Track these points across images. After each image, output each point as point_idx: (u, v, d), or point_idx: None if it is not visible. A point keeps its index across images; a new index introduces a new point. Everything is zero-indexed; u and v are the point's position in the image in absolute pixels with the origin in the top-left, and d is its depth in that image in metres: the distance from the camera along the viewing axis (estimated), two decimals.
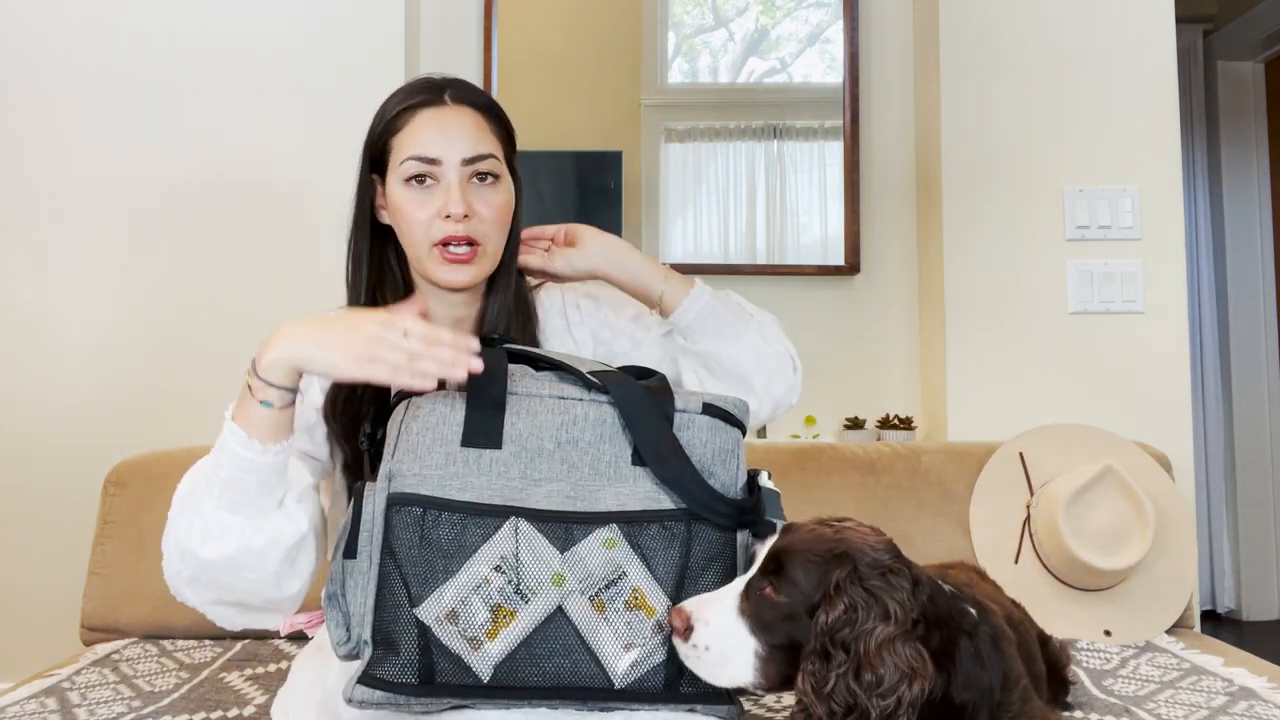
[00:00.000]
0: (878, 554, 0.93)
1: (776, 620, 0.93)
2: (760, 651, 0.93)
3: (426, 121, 1.17)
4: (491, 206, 1.18)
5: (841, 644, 0.89)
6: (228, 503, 1.01)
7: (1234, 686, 1.46)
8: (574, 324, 1.32)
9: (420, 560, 0.96)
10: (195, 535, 1.01)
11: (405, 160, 1.16)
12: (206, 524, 1.01)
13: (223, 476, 1.01)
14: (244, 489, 1.01)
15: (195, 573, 1.03)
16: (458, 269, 1.17)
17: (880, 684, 0.86)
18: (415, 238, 1.17)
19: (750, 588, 0.95)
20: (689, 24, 2.52)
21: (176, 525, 1.03)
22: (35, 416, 2.20)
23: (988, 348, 2.19)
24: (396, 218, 1.18)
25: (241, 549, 1.01)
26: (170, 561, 1.04)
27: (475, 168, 1.17)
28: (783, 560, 0.94)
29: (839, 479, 1.92)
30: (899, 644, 0.88)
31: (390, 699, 0.93)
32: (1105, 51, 2.20)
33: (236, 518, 1.01)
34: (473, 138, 1.17)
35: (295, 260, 2.21)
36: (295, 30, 2.25)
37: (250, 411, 1.00)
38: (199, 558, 1.01)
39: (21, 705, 1.43)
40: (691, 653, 0.94)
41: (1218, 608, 3.64)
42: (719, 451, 1.08)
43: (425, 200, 1.16)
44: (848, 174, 2.41)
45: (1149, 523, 1.74)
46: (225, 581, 1.03)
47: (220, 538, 1.01)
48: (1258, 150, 3.70)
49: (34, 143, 2.23)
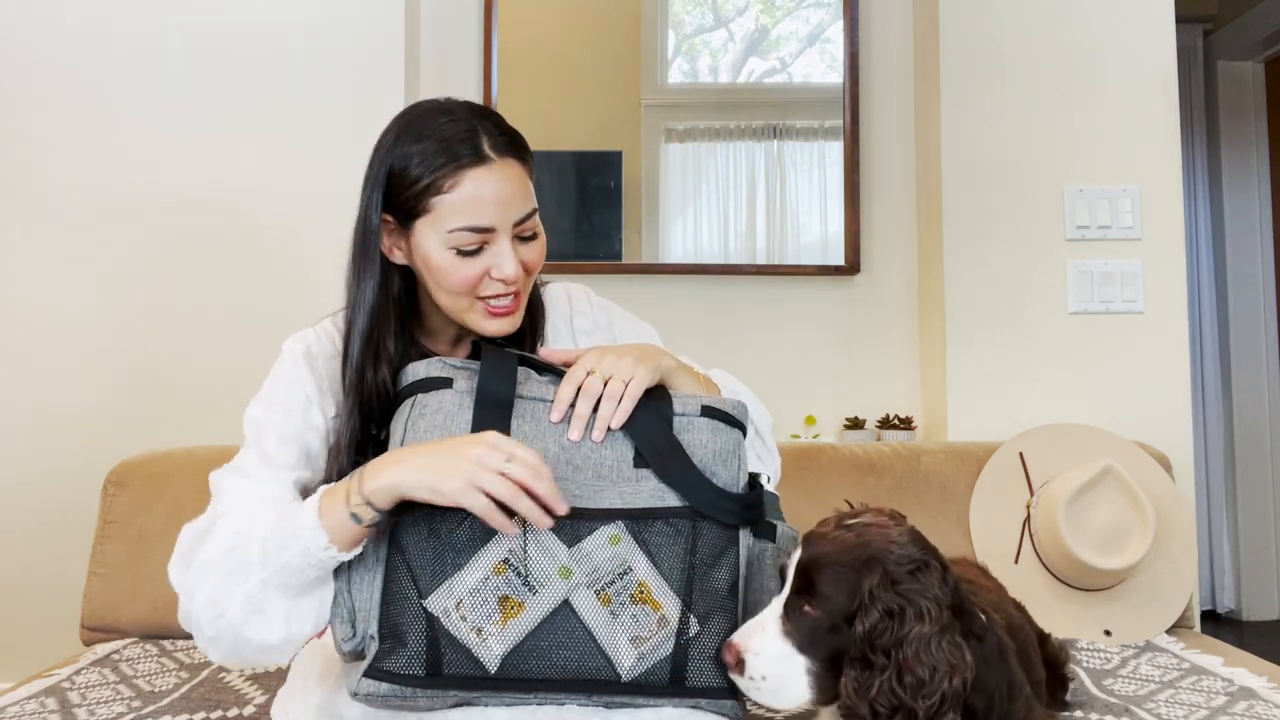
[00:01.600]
0: (904, 549, 0.93)
1: (820, 635, 0.94)
2: (812, 668, 0.94)
3: (476, 186, 1.09)
4: (532, 257, 1.16)
5: (882, 650, 0.90)
6: (280, 584, 1.00)
7: (1234, 686, 1.46)
8: (580, 331, 1.31)
9: (429, 554, 0.97)
10: (236, 606, 1.00)
11: (455, 230, 1.10)
12: (249, 597, 1.00)
13: (282, 562, 0.99)
14: (302, 577, 1.01)
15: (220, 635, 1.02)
16: (501, 321, 1.16)
17: (923, 685, 0.88)
18: (458, 294, 1.14)
19: (788, 607, 0.96)
20: (689, 24, 2.52)
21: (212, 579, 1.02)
22: (35, 417, 2.20)
23: (988, 348, 2.19)
24: (434, 274, 1.13)
25: (282, 640, 1.02)
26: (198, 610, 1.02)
27: (521, 228, 1.14)
28: (812, 575, 0.95)
29: (839, 479, 1.92)
30: (938, 641, 0.89)
31: (397, 691, 0.94)
32: (1105, 51, 2.20)
33: (283, 597, 1.01)
34: (520, 197, 1.13)
35: (294, 264, 2.21)
36: (295, 31, 2.25)
37: (339, 518, 0.98)
38: (237, 630, 1.01)
39: (21, 705, 1.43)
40: (749, 685, 0.96)
41: (1218, 608, 3.64)
42: (720, 452, 1.08)
43: (474, 262, 1.12)
44: (848, 174, 2.41)
45: (1149, 523, 1.74)
46: (245, 653, 1.03)
47: (264, 615, 1.01)
48: (1258, 150, 3.69)
49: (35, 146, 2.23)
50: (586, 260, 2.42)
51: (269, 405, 1.16)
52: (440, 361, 1.09)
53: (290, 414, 1.15)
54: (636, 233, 2.46)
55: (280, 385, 1.17)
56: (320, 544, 0.98)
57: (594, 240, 2.45)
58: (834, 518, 1.00)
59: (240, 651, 1.03)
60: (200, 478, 1.86)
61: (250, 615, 1.00)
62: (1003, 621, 1.11)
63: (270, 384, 1.18)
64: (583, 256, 2.43)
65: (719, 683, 1.00)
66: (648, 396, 1.08)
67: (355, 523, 0.98)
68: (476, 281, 1.12)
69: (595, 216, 2.46)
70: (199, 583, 1.02)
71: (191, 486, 1.87)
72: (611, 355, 1.09)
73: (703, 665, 1.00)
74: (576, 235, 2.45)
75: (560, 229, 2.43)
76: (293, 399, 1.16)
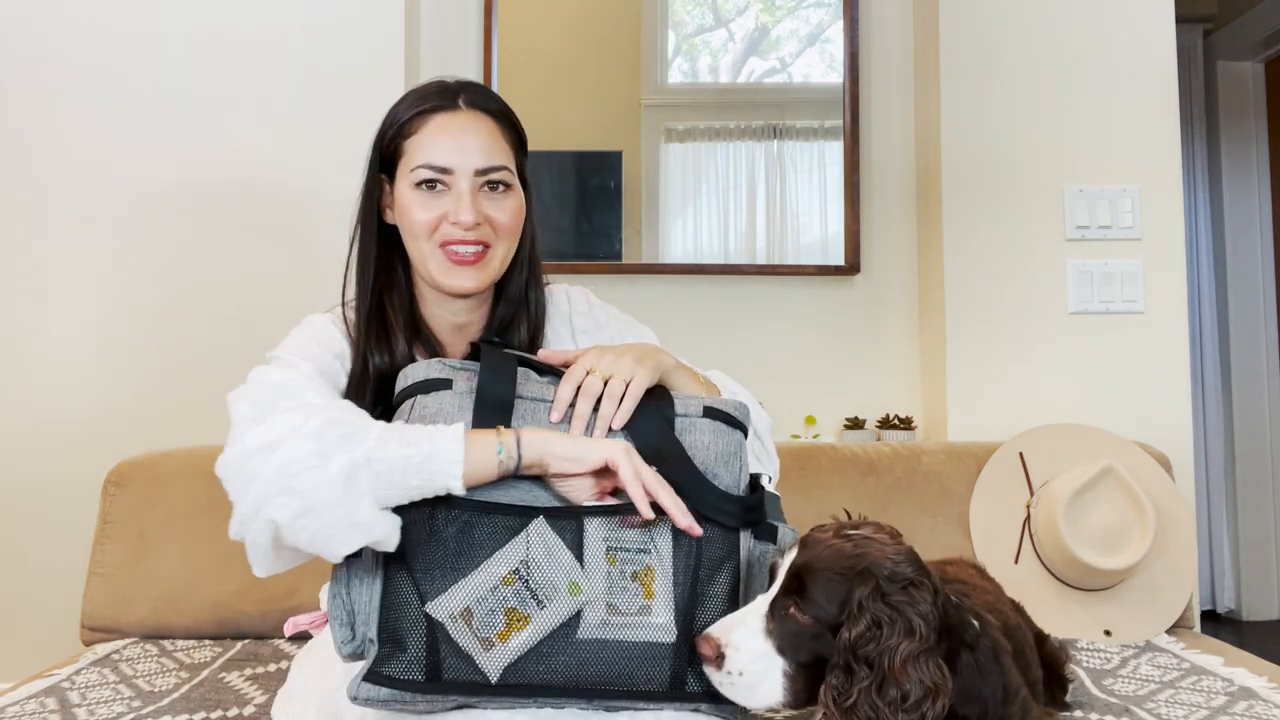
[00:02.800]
0: (899, 567, 0.93)
1: (802, 639, 0.94)
2: (788, 671, 0.94)
3: (440, 128, 1.16)
4: (503, 212, 1.18)
5: (865, 659, 0.89)
6: (379, 472, 0.94)
7: (1234, 686, 1.46)
8: (579, 331, 1.32)
9: (428, 557, 0.97)
10: (337, 468, 0.92)
11: (417, 167, 1.15)
12: (354, 467, 0.93)
13: (402, 454, 0.94)
14: (405, 481, 0.95)
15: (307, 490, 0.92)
16: (463, 272, 1.16)
17: (906, 700, 0.87)
18: (419, 238, 1.16)
19: (774, 607, 0.96)
20: (689, 24, 2.52)
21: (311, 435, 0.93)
22: (35, 416, 2.20)
23: (988, 348, 2.19)
24: (402, 218, 1.18)
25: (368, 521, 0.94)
26: (275, 455, 0.93)
27: (487, 178, 1.16)
28: (804, 578, 0.95)
29: (839, 479, 1.92)
30: (923, 660, 0.89)
31: (396, 696, 0.93)
32: (1105, 51, 2.20)
33: (370, 490, 0.94)
34: (486, 148, 1.16)
35: (296, 260, 2.21)
36: (295, 30, 2.25)
37: (483, 446, 0.97)
38: (329, 490, 0.92)
39: (21, 705, 1.43)
40: (725, 680, 0.95)
41: (1218, 608, 3.64)
42: (721, 454, 1.08)
43: (434, 203, 1.16)
44: (848, 174, 2.41)
45: (1149, 523, 1.74)
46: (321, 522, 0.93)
47: (356, 493, 0.93)
48: (1258, 150, 3.69)
49: (37, 144, 2.23)
50: (586, 260, 2.42)
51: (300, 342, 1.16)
52: (439, 363, 1.09)
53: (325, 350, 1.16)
54: (636, 233, 2.46)
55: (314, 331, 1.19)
56: (454, 455, 0.94)
57: (594, 240, 2.45)
58: (833, 525, 1.00)
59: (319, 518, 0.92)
60: (200, 478, 1.88)
61: (347, 483, 0.92)
62: (998, 623, 1.10)
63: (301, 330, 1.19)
64: (583, 256, 2.43)
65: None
66: (649, 397, 1.07)
67: (496, 453, 0.97)
68: (435, 224, 1.16)
69: (595, 216, 2.46)
70: (294, 436, 0.93)
71: (191, 486, 1.87)
72: (611, 355, 1.09)
73: (702, 669, 1.00)
74: (576, 235, 2.45)
75: (560, 229, 2.43)
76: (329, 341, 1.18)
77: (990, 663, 0.99)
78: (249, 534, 0.96)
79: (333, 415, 0.98)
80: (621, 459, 0.98)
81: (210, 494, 1.87)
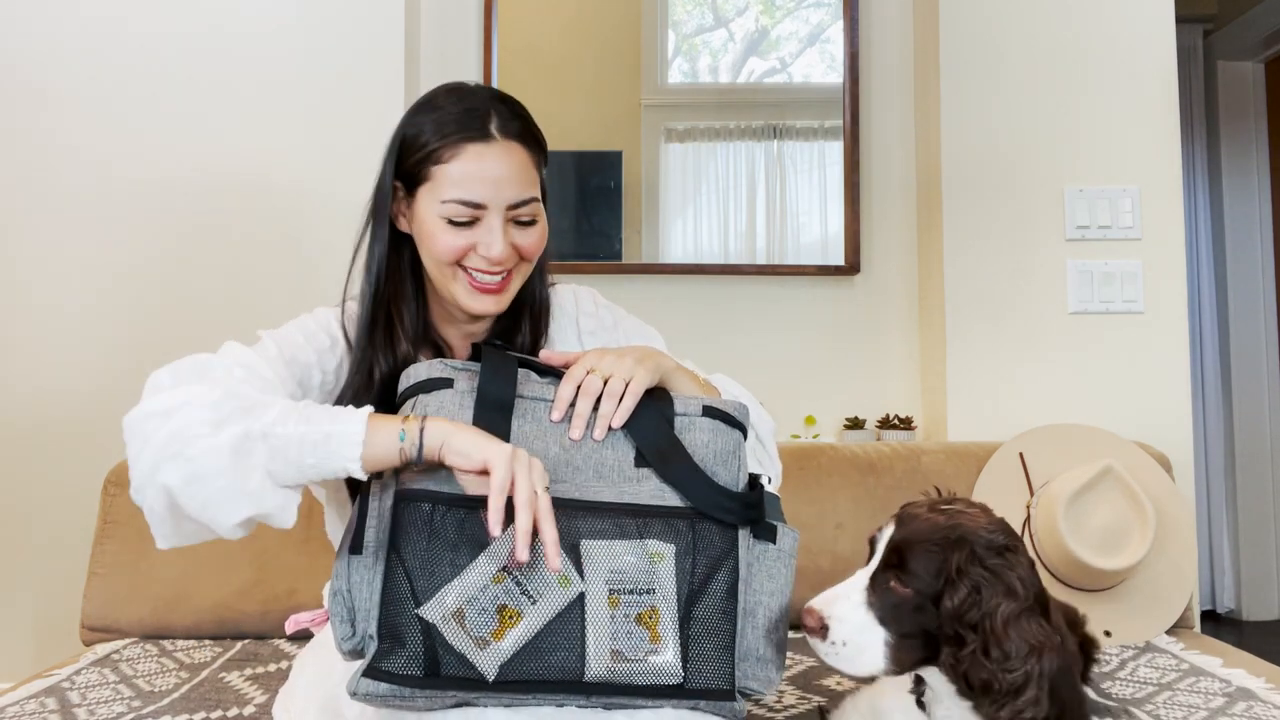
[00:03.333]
0: (993, 535, 0.97)
1: (904, 611, 0.97)
2: (890, 640, 0.97)
3: (473, 161, 1.12)
4: (529, 240, 1.17)
5: (970, 625, 0.92)
6: (275, 447, 0.96)
7: (1232, 687, 1.46)
8: (586, 332, 1.32)
9: (427, 555, 0.97)
10: (228, 437, 0.94)
11: (448, 200, 1.12)
12: (247, 437, 0.95)
13: (299, 431, 0.96)
14: (300, 459, 0.96)
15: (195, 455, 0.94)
16: (484, 298, 1.17)
17: (1008, 658, 0.90)
18: (443, 263, 1.15)
19: (875, 581, 0.99)
20: (689, 24, 2.52)
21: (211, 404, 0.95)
22: (35, 416, 2.20)
23: (988, 348, 2.19)
24: (428, 242, 1.16)
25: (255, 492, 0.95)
26: (173, 419, 0.95)
27: (517, 213, 1.15)
28: (904, 551, 0.98)
29: (839, 479, 1.92)
30: (1025, 619, 0.91)
31: (395, 691, 0.94)
32: (1105, 51, 2.20)
33: (264, 464, 0.96)
34: (518, 181, 1.14)
35: (296, 259, 2.21)
36: (295, 29, 2.25)
37: (386, 431, 0.97)
38: (215, 457, 0.93)
39: (21, 705, 1.43)
40: (830, 650, 0.98)
41: (1218, 608, 3.64)
42: (720, 453, 1.08)
43: (463, 234, 1.14)
44: (848, 174, 2.41)
45: (1149, 523, 1.74)
46: (205, 488, 0.94)
47: (245, 464, 0.95)
48: (1258, 150, 3.69)
49: (35, 142, 2.23)
50: (586, 260, 2.42)
51: (289, 329, 1.18)
52: (441, 363, 1.10)
53: (309, 345, 1.17)
54: (636, 233, 2.46)
55: (308, 324, 1.19)
56: (354, 438, 0.95)
57: (594, 240, 2.45)
58: (925, 501, 1.03)
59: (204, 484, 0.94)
60: None
61: (235, 453, 0.94)
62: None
63: (298, 321, 1.20)
64: (583, 256, 2.43)
65: (718, 684, 1.00)
66: (649, 397, 1.08)
67: (399, 440, 0.96)
68: (461, 253, 1.14)
69: (595, 216, 2.46)
70: (195, 404, 0.95)
71: None
72: (611, 355, 1.10)
73: (701, 667, 1.00)
74: (576, 235, 2.45)
75: (560, 229, 2.42)
76: (316, 337, 1.18)
77: (1070, 668, 1.01)
78: (145, 499, 0.98)
79: (238, 389, 0.99)
80: (499, 465, 0.93)
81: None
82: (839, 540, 1.87)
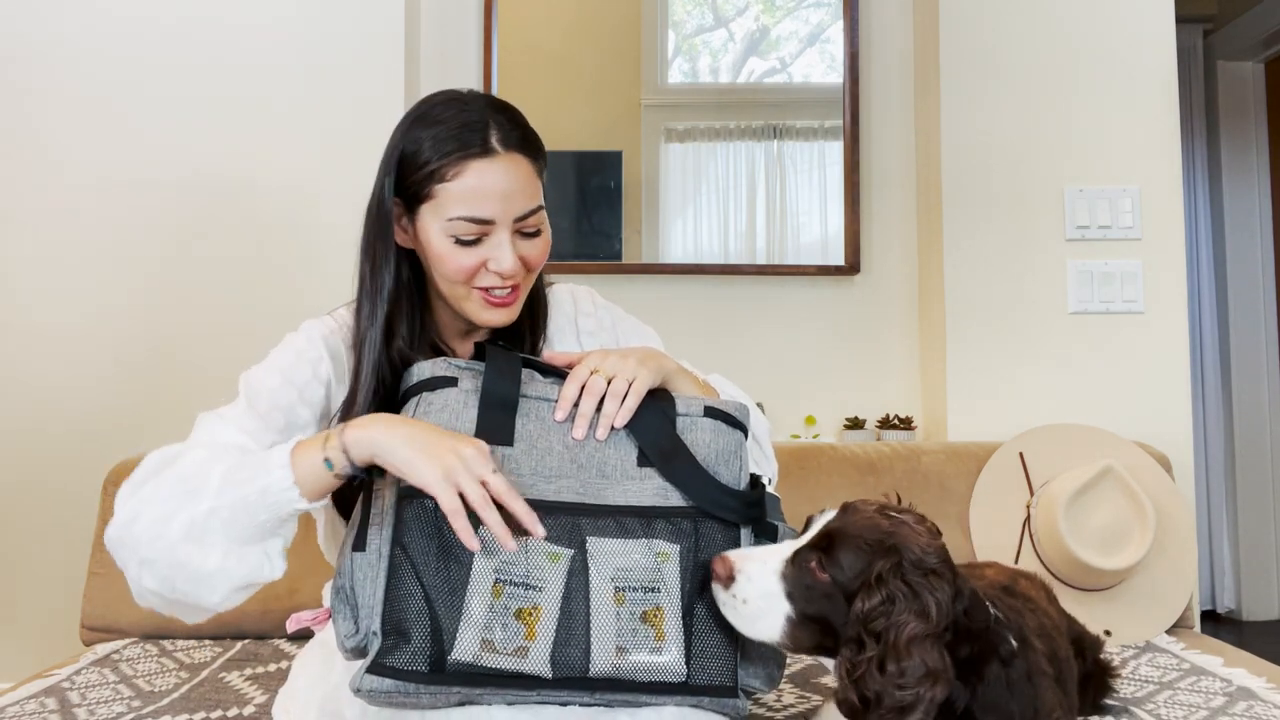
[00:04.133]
0: (926, 555, 0.95)
1: (814, 594, 0.96)
2: (791, 616, 0.97)
3: (478, 177, 1.10)
4: (535, 250, 1.17)
5: (874, 633, 0.91)
6: (226, 519, 1.00)
7: (1232, 687, 1.46)
8: (585, 332, 1.32)
9: (432, 551, 0.97)
10: (177, 527, 0.99)
11: (455, 219, 1.11)
12: (194, 523, 0.99)
13: (239, 495, 0.99)
14: (253, 518, 1.00)
15: (157, 557, 0.99)
16: (497, 311, 1.17)
17: (902, 675, 0.89)
18: (454, 282, 1.15)
19: (798, 556, 0.98)
20: (689, 24, 2.52)
21: (161, 500, 1.00)
22: (35, 416, 2.20)
23: (988, 348, 2.19)
24: (434, 262, 1.14)
25: (218, 570, 1.00)
26: (140, 529, 1.00)
27: (523, 224, 1.14)
28: (834, 540, 0.97)
29: (839, 479, 1.92)
30: (929, 643, 0.90)
31: (399, 687, 0.94)
32: (1105, 51, 2.20)
33: (225, 536, 1.00)
34: (524, 194, 1.13)
35: (296, 259, 2.22)
36: (295, 30, 2.25)
37: (310, 463, 0.99)
38: (173, 552, 0.99)
39: (21, 705, 1.43)
40: (729, 601, 0.98)
41: (1218, 608, 3.64)
42: (722, 452, 1.08)
43: (472, 251, 1.13)
44: (848, 174, 2.41)
45: (1149, 523, 1.74)
46: (178, 581, 1.00)
47: (202, 545, 0.99)
48: (1258, 150, 3.69)
49: (36, 142, 2.23)
50: (586, 260, 2.42)
51: (267, 370, 1.17)
52: (445, 361, 1.10)
53: (289, 384, 1.16)
54: (636, 233, 2.46)
55: (287, 355, 1.18)
56: (285, 483, 0.99)
57: (594, 240, 2.45)
58: (876, 503, 1.02)
59: (174, 579, 1.00)
60: None
61: (188, 540, 0.98)
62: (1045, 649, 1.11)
63: (278, 352, 1.19)
64: (583, 256, 2.43)
65: (721, 681, 1.00)
66: (651, 397, 1.08)
67: (327, 468, 0.99)
68: (473, 272, 1.13)
69: (595, 216, 2.46)
70: (148, 502, 1.01)
71: None
72: (615, 356, 1.10)
73: (705, 665, 1.00)
74: (576, 235, 2.45)
75: (560, 229, 2.42)
76: (296, 371, 1.17)
77: (1023, 682, 1.00)
78: (146, 604, 1.05)
79: (182, 471, 1.02)
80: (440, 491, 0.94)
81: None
82: None
